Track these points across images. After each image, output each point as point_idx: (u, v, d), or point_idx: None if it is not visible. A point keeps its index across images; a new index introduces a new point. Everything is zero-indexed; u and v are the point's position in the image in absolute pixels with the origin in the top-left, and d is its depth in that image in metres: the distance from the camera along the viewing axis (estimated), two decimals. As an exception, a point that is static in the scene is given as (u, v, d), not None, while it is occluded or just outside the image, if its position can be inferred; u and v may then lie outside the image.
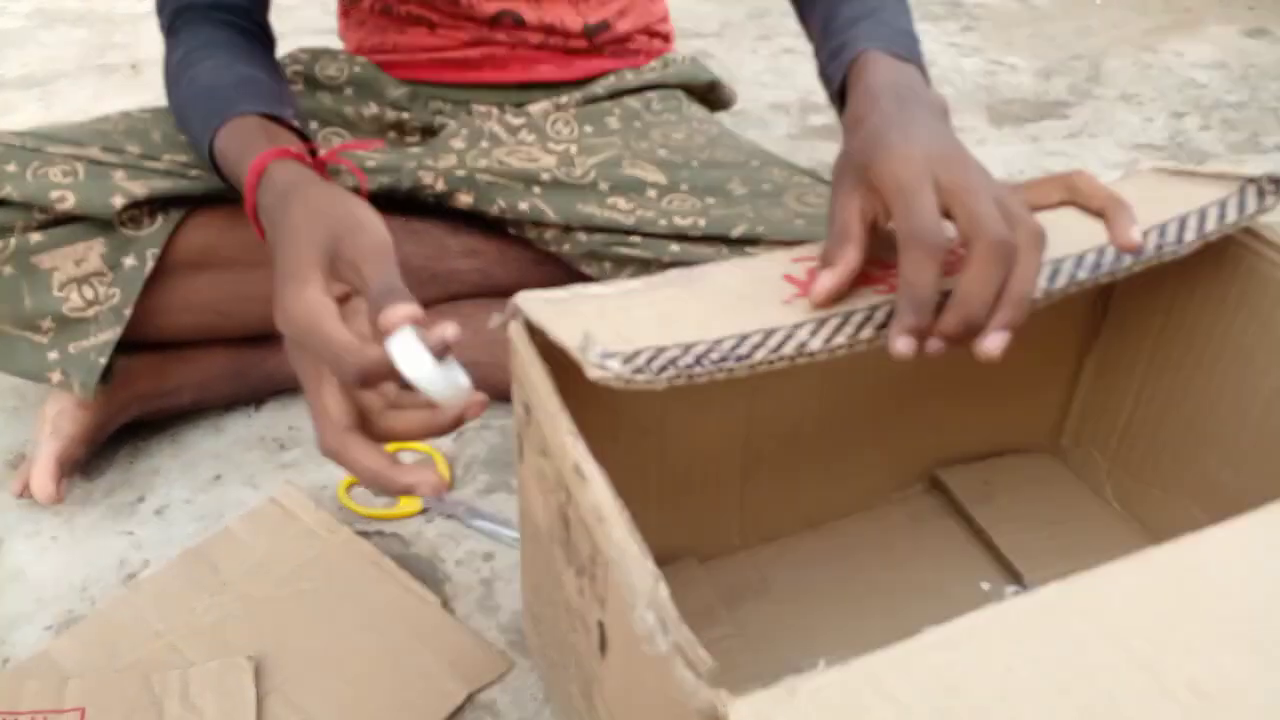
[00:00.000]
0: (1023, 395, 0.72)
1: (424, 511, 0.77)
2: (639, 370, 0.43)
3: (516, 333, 0.47)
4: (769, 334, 0.47)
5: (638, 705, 0.39)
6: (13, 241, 0.71)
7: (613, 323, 0.47)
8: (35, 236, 0.72)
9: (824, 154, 1.35)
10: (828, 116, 1.46)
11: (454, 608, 0.70)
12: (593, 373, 0.43)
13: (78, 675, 0.62)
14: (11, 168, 0.71)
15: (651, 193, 0.83)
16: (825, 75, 0.65)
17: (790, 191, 0.84)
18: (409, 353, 0.46)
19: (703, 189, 0.84)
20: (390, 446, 0.82)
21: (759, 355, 0.45)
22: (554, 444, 0.42)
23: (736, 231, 0.79)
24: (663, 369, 0.44)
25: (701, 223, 0.80)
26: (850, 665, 0.33)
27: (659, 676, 0.34)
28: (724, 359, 0.45)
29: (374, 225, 0.53)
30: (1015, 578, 0.68)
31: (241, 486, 0.80)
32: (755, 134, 1.37)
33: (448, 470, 0.81)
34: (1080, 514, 0.72)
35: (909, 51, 0.60)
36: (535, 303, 0.48)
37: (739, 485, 0.65)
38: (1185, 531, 0.67)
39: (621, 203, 0.83)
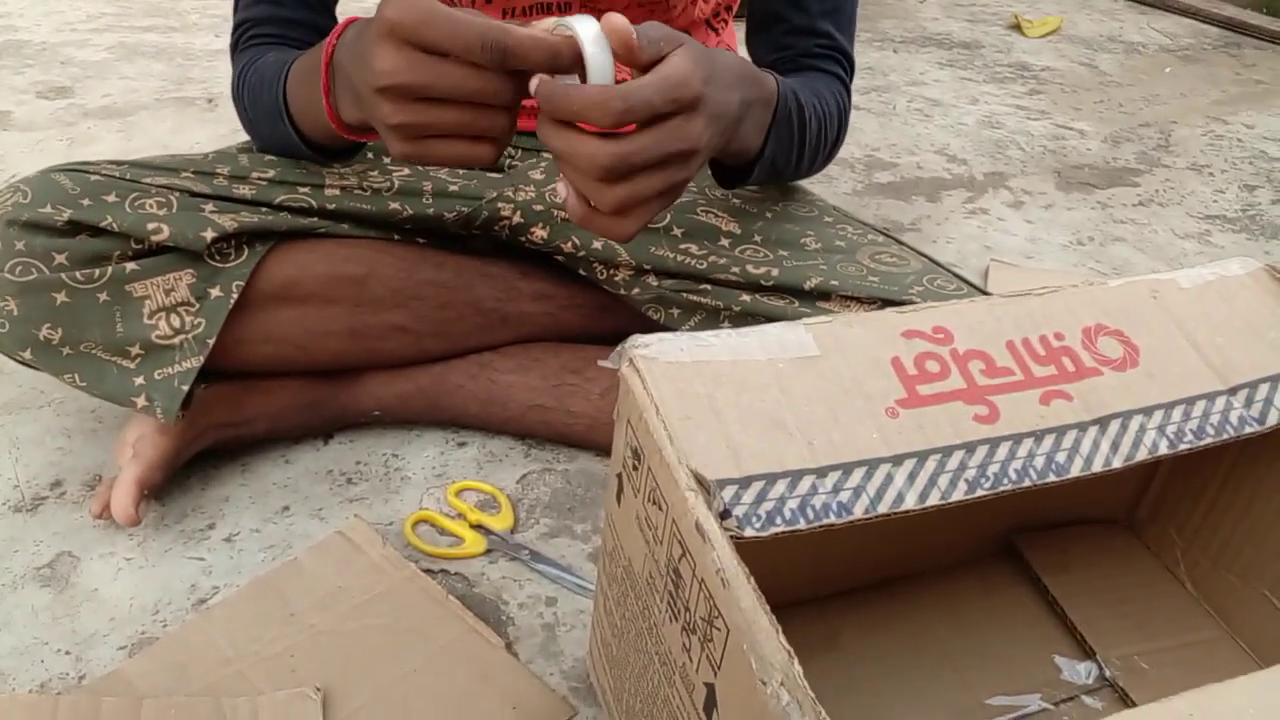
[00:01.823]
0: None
1: (488, 552, 0.78)
2: (750, 519, 0.44)
3: (630, 375, 0.47)
4: (869, 472, 0.47)
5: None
6: (110, 270, 0.73)
7: (726, 414, 0.46)
8: (130, 265, 0.74)
9: (889, 211, 1.35)
10: (893, 174, 1.46)
11: (517, 650, 0.70)
12: (718, 532, 0.43)
13: (151, 696, 0.63)
14: (112, 198, 0.74)
15: (725, 241, 0.84)
16: None
17: (864, 249, 0.84)
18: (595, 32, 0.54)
19: (775, 241, 0.84)
20: (454, 488, 0.83)
21: (857, 511, 0.46)
22: (671, 497, 0.43)
23: (810, 284, 0.79)
24: (771, 518, 0.44)
25: (774, 273, 0.80)
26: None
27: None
28: (826, 508, 0.45)
29: None
30: (1088, 653, 0.66)
31: (309, 518, 0.81)
32: (820, 189, 1.38)
33: (511, 513, 0.81)
34: (1154, 593, 0.71)
35: (785, 91, 0.74)
36: (654, 363, 0.48)
37: (816, 540, 0.65)
38: (1262, 623, 0.67)
39: (694, 248, 0.83)
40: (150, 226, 0.73)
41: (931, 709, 0.62)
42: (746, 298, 0.82)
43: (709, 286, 0.83)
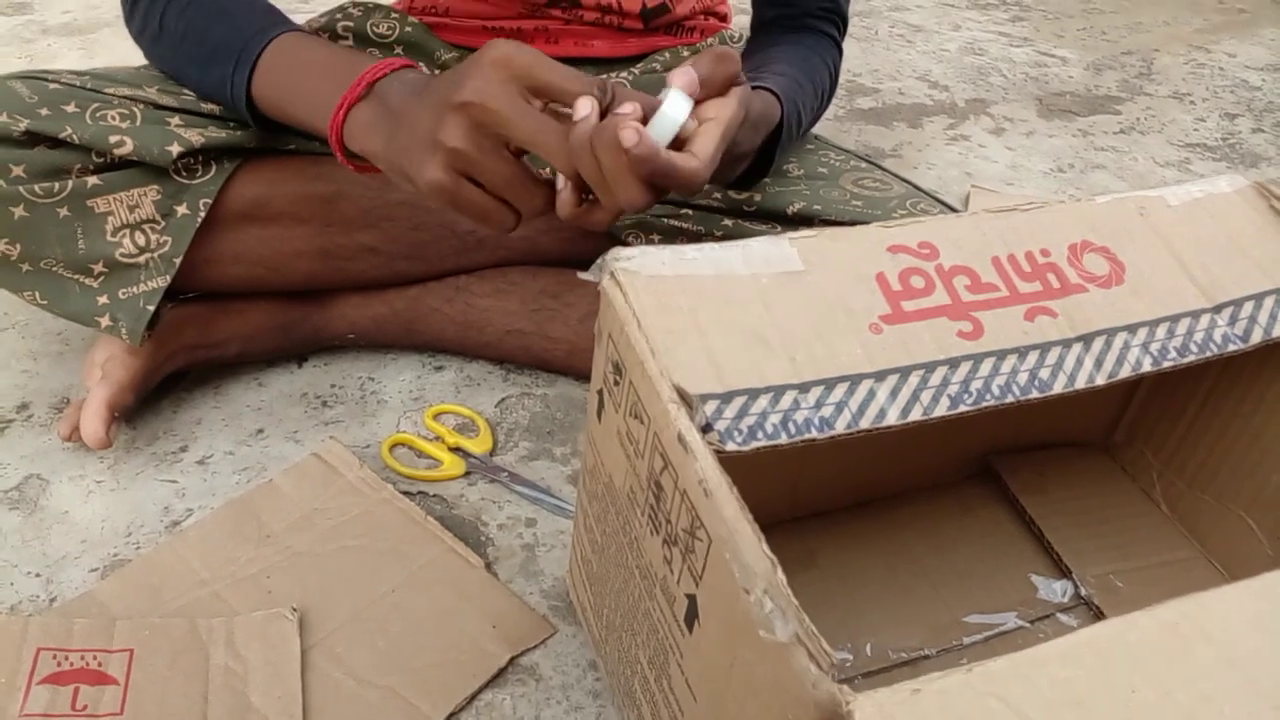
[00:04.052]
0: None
1: (466, 474, 0.77)
2: (731, 433, 0.43)
3: (611, 289, 0.46)
4: (852, 388, 0.46)
5: (734, 684, 0.39)
6: (70, 183, 0.70)
7: (709, 328, 0.45)
8: (92, 180, 0.71)
9: (870, 137, 1.34)
10: (875, 100, 1.44)
11: (496, 571, 0.69)
12: (700, 443, 0.42)
13: (125, 618, 0.62)
14: (71, 108, 0.71)
15: (707, 167, 0.82)
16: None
17: (847, 175, 0.83)
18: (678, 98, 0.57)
19: (758, 167, 0.83)
20: (431, 411, 0.82)
21: (839, 427, 0.45)
22: (653, 409, 0.42)
23: (792, 209, 0.78)
24: (753, 432, 0.43)
25: (757, 198, 0.80)
26: (974, 670, 0.33)
27: (771, 663, 0.33)
28: (808, 423, 0.45)
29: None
30: (1064, 572, 0.67)
31: (284, 441, 0.80)
32: (801, 115, 1.36)
33: (490, 435, 0.81)
34: (1130, 514, 0.72)
35: (786, 101, 0.74)
36: (636, 276, 0.47)
37: (795, 462, 0.64)
38: (1236, 542, 0.68)
39: (674, 175, 0.82)
40: (113, 139, 0.71)
41: (908, 626, 0.63)
42: (729, 223, 0.80)
43: (690, 212, 0.82)
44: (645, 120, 0.56)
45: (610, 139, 0.54)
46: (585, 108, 0.55)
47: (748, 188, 0.79)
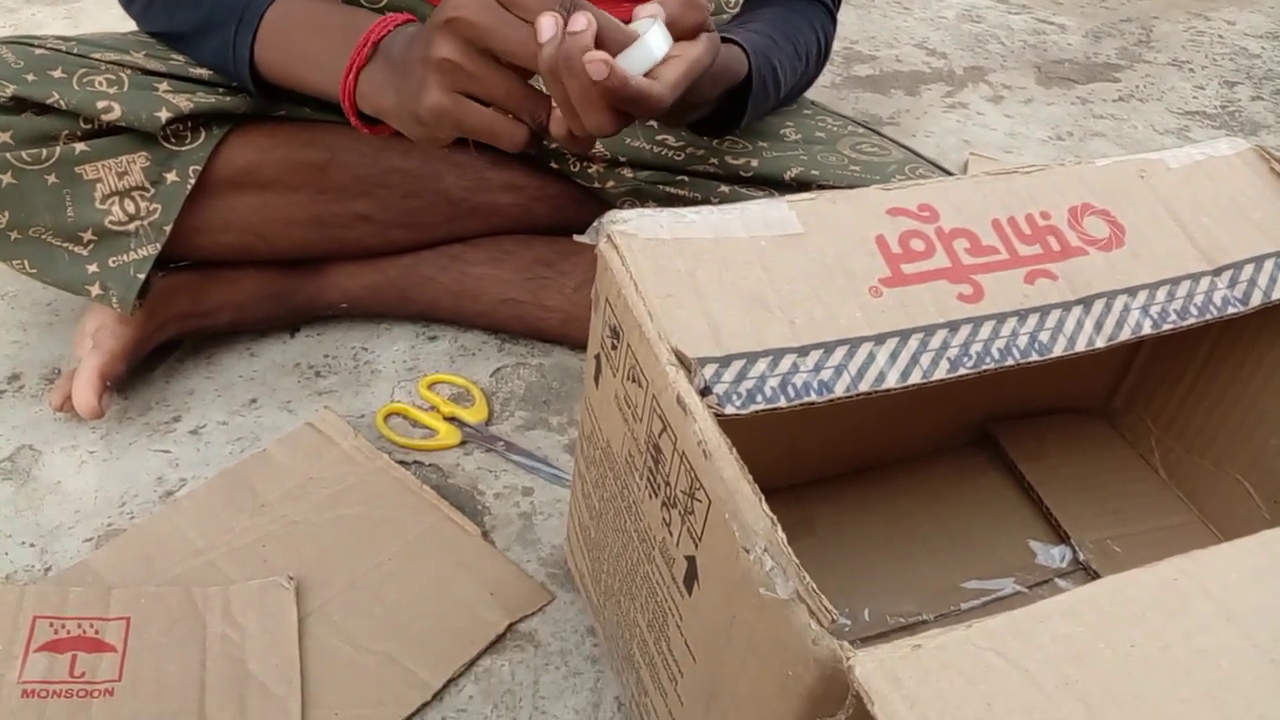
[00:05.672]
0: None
1: (462, 444, 0.77)
2: (730, 397, 0.43)
3: (608, 252, 0.46)
4: (851, 351, 0.46)
5: (734, 644, 0.39)
6: (58, 150, 0.69)
7: (707, 292, 0.45)
8: (80, 146, 0.70)
9: (867, 104, 1.33)
10: (872, 67, 1.43)
11: (493, 539, 0.69)
12: (699, 405, 0.42)
13: (119, 586, 0.62)
14: (58, 74, 0.70)
15: (702, 132, 0.82)
16: None
17: (845, 140, 0.82)
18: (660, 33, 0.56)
19: (755, 133, 0.82)
20: (426, 381, 0.82)
21: (838, 390, 0.45)
22: (651, 372, 0.42)
23: (790, 174, 0.77)
24: (752, 395, 0.43)
25: (754, 164, 0.79)
26: (973, 627, 0.33)
27: (771, 621, 0.33)
28: (807, 387, 0.44)
29: None
30: (1062, 537, 0.67)
31: (277, 411, 0.79)
32: (798, 83, 1.35)
33: (485, 405, 0.80)
34: (1128, 479, 0.72)
35: (755, 55, 0.71)
36: (633, 239, 0.46)
37: (793, 428, 0.64)
38: (1233, 506, 0.68)
39: (671, 139, 0.81)
40: (100, 105, 0.69)
41: (906, 591, 0.63)
42: (725, 189, 0.80)
43: (686, 178, 0.81)
44: (599, 38, 0.55)
45: (576, 67, 0.53)
46: (548, 29, 0.54)
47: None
